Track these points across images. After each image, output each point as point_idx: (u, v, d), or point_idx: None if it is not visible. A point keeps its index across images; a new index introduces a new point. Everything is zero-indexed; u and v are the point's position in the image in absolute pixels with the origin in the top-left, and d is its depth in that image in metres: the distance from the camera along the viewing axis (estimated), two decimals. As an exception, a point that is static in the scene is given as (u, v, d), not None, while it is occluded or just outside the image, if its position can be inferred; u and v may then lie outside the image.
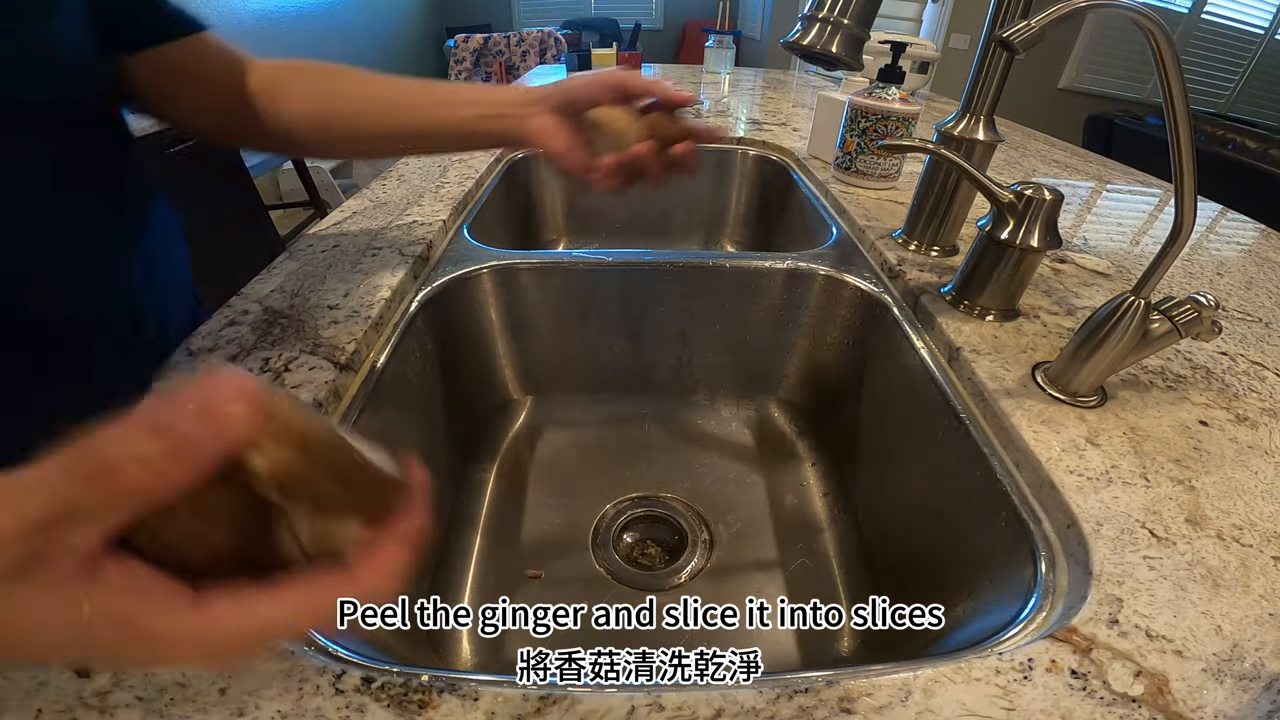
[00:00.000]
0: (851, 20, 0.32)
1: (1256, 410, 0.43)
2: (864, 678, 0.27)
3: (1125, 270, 0.63)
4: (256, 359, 0.43)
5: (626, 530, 0.59)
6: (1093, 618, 0.29)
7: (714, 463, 0.67)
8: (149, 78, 0.44)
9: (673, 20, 4.98)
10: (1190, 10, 3.66)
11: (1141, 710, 0.26)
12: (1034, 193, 0.46)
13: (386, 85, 0.49)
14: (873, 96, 0.73)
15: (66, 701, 0.24)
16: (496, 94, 0.48)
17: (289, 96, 0.49)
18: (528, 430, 0.70)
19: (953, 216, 0.61)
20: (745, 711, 0.25)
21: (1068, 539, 0.34)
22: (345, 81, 0.50)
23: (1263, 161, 2.27)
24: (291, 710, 0.25)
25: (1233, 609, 0.30)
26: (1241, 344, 0.52)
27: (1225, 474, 0.37)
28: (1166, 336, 0.40)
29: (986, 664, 0.27)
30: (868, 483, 0.59)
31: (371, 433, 0.45)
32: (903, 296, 0.58)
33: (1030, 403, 0.42)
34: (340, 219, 0.67)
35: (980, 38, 0.51)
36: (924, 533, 0.48)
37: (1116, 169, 1.03)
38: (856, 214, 0.73)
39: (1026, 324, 0.51)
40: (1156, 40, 0.32)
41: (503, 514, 0.61)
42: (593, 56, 1.65)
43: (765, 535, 0.59)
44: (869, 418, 0.60)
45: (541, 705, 0.25)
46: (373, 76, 0.50)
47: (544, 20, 4.78)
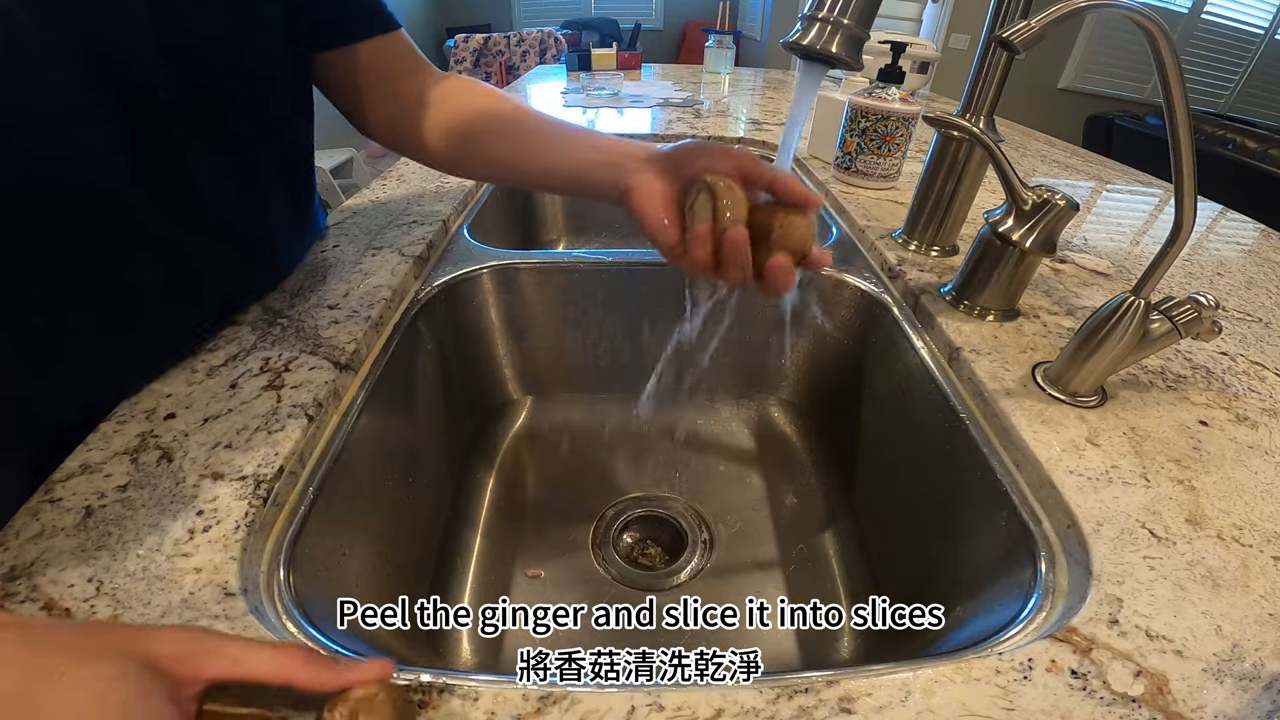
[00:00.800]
0: (851, 20, 0.32)
1: (1256, 410, 0.43)
2: (864, 678, 0.27)
3: (1125, 270, 0.63)
4: (257, 359, 0.43)
5: (626, 530, 0.59)
6: (1093, 618, 0.29)
7: (714, 463, 0.67)
8: (337, 73, 0.46)
9: (673, 20, 4.98)
10: (1190, 10, 3.66)
11: (1141, 710, 0.26)
12: (1052, 198, 0.46)
13: (542, 133, 0.48)
14: (873, 96, 0.73)
15: (66, 701, 0.24)
16: (616, 143, 0.46)
17: (469, 158, 0.50)
18: (528, 430, 0.70)
19: (953, 216, 0.61)
20: (745, 711, 0.25)
21: (1068, 539, 0.34)
22: (523, 143, 0.48)
23: (1263, 161, 2.27)
24: (292, 710, 0.25)
25: (1233, 609, 0.30)
26: (1241, 344, 0.52)
27: (1225, 474, 0.37)
28: (1166, 336, 0.40)
29: (986, 664, 0.27)
30: (867, 483, 0.59)
31: (371, 433, 0.45)
32: (903, 296, 0.58)
33: (1030, 403, 0.42)
34: (340, 219, 0.67)
35: (980, 38, 0.51)
36: (924, 532, 0.48)
37: (1116, 169, 1.03)
38: (856, 214, 0.73)
39: (1026, 324, 0.51)
40: (1156, 40, 0.32)
41: (503, 514, 0.61)
42: (593, 57, 1.65)
43: (765, 535, 0.59)
44: (869, 418, 0.60)
45: (541, 705, 0.25)
46: (539, 126, 0.48)
47: (544, 20, 4.79)
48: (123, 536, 0.31)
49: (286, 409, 0.39)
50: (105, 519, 0.32)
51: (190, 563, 0.30)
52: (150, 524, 0.31)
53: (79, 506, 0.32)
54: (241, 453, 0.36)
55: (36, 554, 0.30)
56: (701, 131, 1.07)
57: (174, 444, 0.36)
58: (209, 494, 0.33)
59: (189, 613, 0.28)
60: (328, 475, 0.38)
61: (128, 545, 0.30)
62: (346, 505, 0.40)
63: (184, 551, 0.30)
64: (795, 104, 0.37)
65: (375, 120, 0.51)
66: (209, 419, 0.38)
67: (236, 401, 0.39)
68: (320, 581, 0.35)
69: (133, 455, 0.35)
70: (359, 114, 0.51)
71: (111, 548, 0.30)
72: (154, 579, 0.29)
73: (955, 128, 0.51)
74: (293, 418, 0.38)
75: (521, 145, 0.48)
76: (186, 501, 0.33)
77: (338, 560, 0.38)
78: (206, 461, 0.35)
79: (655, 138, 1.05)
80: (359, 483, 0.43)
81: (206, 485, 0.34)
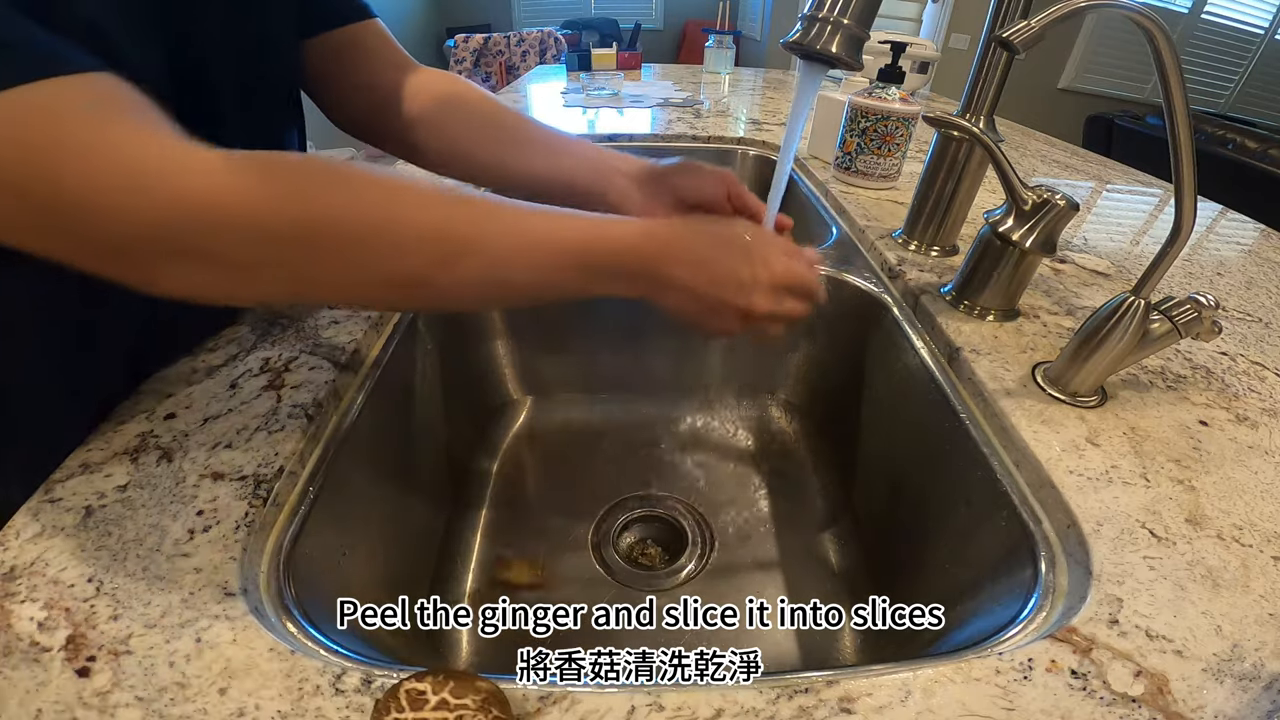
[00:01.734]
0: (851, 20, 0.32)
1: (1256, 410, 0.43)
2: (864, 678, 0.27)
3: (1125, 270, 0.63)
4: (257, 359, 0.43)
5: (626, 530, 0.59)
6: (1093, 618, 0.29)
7: (714, 462, 0.67)
8: (313, 62, 0.46)
9: (673, 20, 4.97)
10: (1190, 10, 3.66)
11: (1141, 710, 0.26)
12: (1052, 198, 0.46)
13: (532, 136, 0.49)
14: (873, 96, 0.73)
15: (66, 701, 0.24)
16: (603, 157, 0.48)
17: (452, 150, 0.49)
18: (528, 430, 0.70)
19: (953, 216, 0.61)
20: (745, 711, 0.25)
21: (1068, 539, 0.34)
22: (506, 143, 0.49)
23: (1263, 161, 2.27)
24: (291, 710, 0.25)
25: (1233, 609, 0.30)
26: (1241, 344, 0.52)
27: (1225, 474, 0.37)
28: (1166, 336, 0.40)
29: (986, 664, 0.27)
30: (867, 482, 0.59)
31: (372, 433, 0.45)
32: (903, 296, 0.58)
33: (1030, 403, 0.42)
34: (340, 219, 0.67)
35: (980, 38, 0.51)
36: (924, 532, 0.48)
37: (1116, 169, 1.03)
38: (856, 214, 0.73)
39: (1026, 324, 0.51)
40: (1156, 40, 0.32)
41: (503, 514, 0.61)
42: (593, 57, 1.65)
43: (765, 535, 0.59)
44: (869, 418, 0.60)
45: (541, 705, 0.25)
46: (522, 127, 0.49)
47: (544, 20, 4.78)
48: (123, 536, 0.31)
49: (286, 409, 0.39)
50: (105, 519, 0.32)
51: (190, 563, 0.30)
52: (150, 524, 0.31)
53: (79, 506, 0.32)
54: (241, 453, 0.36)
55: (36, 554, 0.30)
56: (701, 131, 1.07)
57: (174, 444, 0.36)
58: (209, 494, 0.33)
59: (189, 613, 0.28)
60: (328, 475, 0.38)
61: (128, 545, 0.30)
62: (347, 505, 0.40)
63: (184, 551, 0.30)
64: (795, 104, 0.37)
65: (351, 114, 0.50)
66: (209, 419, 0.38)
67: (236, 401, 0.39)
68: (320, 581, 0.35)
69: (133, 455, 0.35)
70: (335, 107, 0.50)
71: (111, 548, 0.30)
72: (154, 579, 0.29)
73: (955, 128, 0.51)
74: (293, 418, 0.38)
75: (505, 146, 0.48)
76: (186, 501, 0.33)
77: (338, 560, 0.38)
78: (206, 461, 0.35)
79: (655, 138, 1.05)
80: (359, 483, 0.43)
81: (206, 485, 0.34)
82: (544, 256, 0.32)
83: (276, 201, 0.26)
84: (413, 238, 0.29)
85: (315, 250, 0.28)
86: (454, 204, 0.31)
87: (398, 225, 0.29)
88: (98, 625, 0.27)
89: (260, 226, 0.26)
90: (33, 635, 0.26)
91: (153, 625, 0.27)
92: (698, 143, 1.05)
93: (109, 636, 0.27)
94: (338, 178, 0.28)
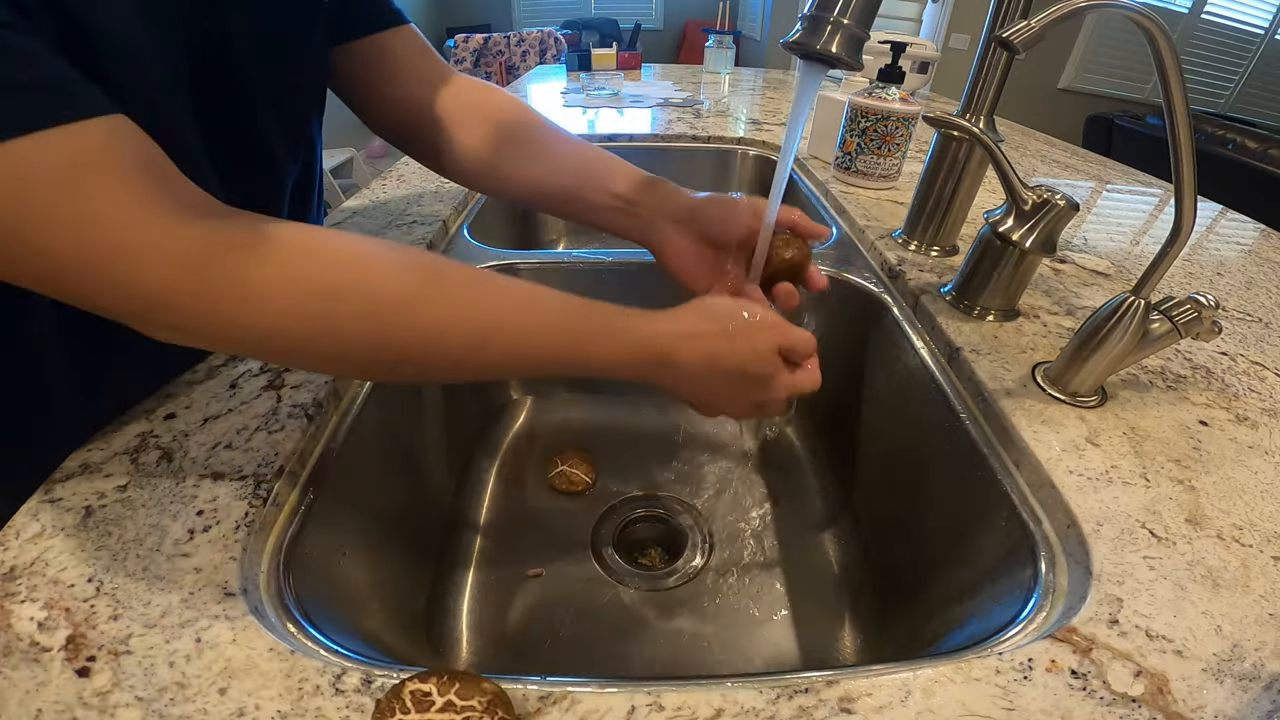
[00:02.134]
0: (851, 20, 0.32)
1: (1256, 410, 0.43)
2: (864, 678, 0.27)
3: (1125, 270, 0.63)
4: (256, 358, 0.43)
5: (626, 530, 0.59)
6: (1093, 618, 0.29)
7: (714, 463, 0.67)
8: (343, 67, 0.46)
9: (673, 20, 4.97)
10: (1190, 10, 3.66)
11: (1141, 710, 0.26)
12: (1052, 198, 0.46)
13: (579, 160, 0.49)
14: (873, 96, 0.73)
15: (66, 701, 0.24)
16: (644, 189, 0.47)
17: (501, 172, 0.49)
18: (528, 430, 0.70)
19: (953, 216, 0.61)
20: (745, 711, 0.25)
21: (1068, 539, 0.34)
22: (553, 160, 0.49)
23: (1263, 161, 2.27)
24: (291, 710, 0.25)
25: (1233, 609, 0.30)
26: (1241, 344, 0.52)
27: (1225, 474, 0.37)
28: (1166, 336, 0.40)
29: (986, 664, 0.27)
30: (867, 483, 0.59)
31: (371, 433, 0.45)
32: (903, 296, 0.58)
33: (1030, 403, 0.42)
34: (340, 219, 0.67)
35: (980, 38, 0.51)
36: (924, 532, 0.48)
37: (1116, 169, 1.03)
38: (856, 214, 0.73)
39: (1026, 324, 0.51)
40: (1156, 40, 0.32)
41: (503, 514, 0.61)
42: (593, 56, 1.65)
43: (765, 535, 0.59)
44: (869, 418, 0.60)
45: (541, 705, 0.25)
46: (570, 150, 0.49)
47: (544, 20, 4.78)
48: (123, 536, 0.31)
49: (286, 409, 0.39)
50: (105, 519, 0.32)
51: (190, 563, 0.30)
52: (150, 524, 0.31)
53: (79, 506, 0.32)
54: (241, 453, 0.36)
55: (36, 554, 0.30)
56: (701, 131, 1.07)
57: (174, 444, 0.36)
58: (209, 494, 0.33)
59: (189, 613, 0.28)
60: (328, 475, 0.38)
61: (128, 545, 0.30)
62: (347, 505, 0.40)
63: (184, 551, 0.30)
64: (795, 104, 0.37)
65: (381, 120, 0.50)
66: (209, 419, 0.38)
67: (236, 401, 0.39)
68: (320, 581, 0.35)
69: (133, 455, 0.35)
70: (366, 111, 0.50)
71: (111, 548, 0.30)
72: (154, 579, 0.29)
73: (955, 128, 0.51)
74: (293, 418, 0.38)
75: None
76: (186, 501, 0.33)
77: (338, 560, 0.38)
78: (206, 461, 0.35)
79: (655, 138, 1.05)
80: (359, 483, 0.43)
81: (206, 485, 0.34)
82: (557, 371, 0.35)
83: (270, 318, 0.27)
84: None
85: (315, 358, 0.30)
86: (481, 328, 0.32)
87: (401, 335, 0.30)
88: (98, 625, 0.27)
89: (248, 336, 0.27)
90: (33, 635, 0.26)
91: (153, 625, 0.27)
92: (698, 143, 1.05)
93: (109, 636, 0.27)
94: (339, 291, 0.28)
